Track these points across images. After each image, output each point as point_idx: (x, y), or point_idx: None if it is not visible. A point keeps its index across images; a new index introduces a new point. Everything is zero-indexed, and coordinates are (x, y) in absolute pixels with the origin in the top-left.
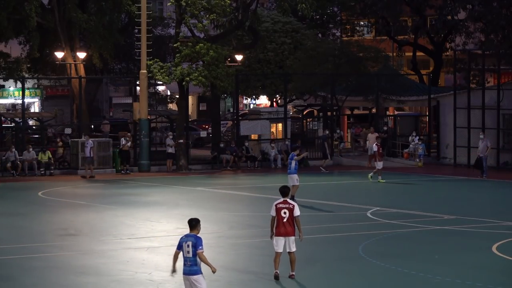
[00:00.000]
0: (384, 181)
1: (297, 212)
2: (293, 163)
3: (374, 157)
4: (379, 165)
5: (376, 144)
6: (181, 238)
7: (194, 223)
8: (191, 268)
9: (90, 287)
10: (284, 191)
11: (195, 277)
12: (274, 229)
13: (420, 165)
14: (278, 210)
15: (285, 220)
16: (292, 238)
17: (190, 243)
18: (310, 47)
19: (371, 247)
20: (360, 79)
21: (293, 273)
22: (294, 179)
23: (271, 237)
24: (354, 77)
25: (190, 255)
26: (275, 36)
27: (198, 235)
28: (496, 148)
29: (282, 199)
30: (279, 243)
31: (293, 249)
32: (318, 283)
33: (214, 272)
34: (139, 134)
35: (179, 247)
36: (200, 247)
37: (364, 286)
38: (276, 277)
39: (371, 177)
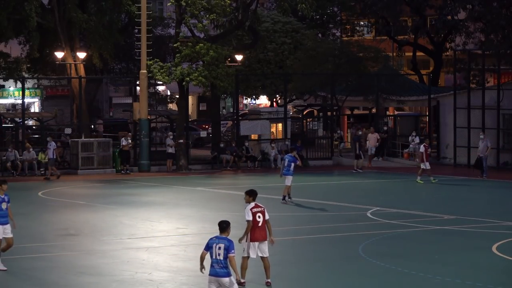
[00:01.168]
0: (436, 180)
1: (267, 215)
2: (293, 165)
3: (421, 158)
4: (426, 165)
5: (424, 145)
6: (211, 239)
7: (224, 226)
8: (221, 270)
9: (91, 287)
10: (255, 194)
11: (225, 279)
12: (249, 234)
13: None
14: (253, 215)
15: (260, 224)
16: (265, 242)
17: (222, 245)
18: (310, 47)
19: (371, 247)
20: (360, 79)
21: (269, 280)
22: (290, 180)
23: (240, 240)
24: (354, 77)
25: (221, 257)
26: (275, 36)
27: (229, 238)
28: (496, 148)
29: (253, 203)
30: (255, 249)
31: (267, 254)
32: (318, 283)
33: (238, 281)
34: (139, 134)
35: (208, 248)
36: (233, 251)
37: (364, 286)
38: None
39: (420, 180)
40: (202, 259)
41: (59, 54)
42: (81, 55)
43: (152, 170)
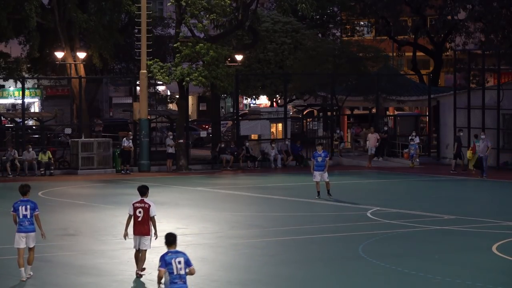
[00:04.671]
0: None
1: (153, 212)
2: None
3: None
4: None
5: None
6: (166, 255)
7: (172, 239)
8: (183, 285)
9: (90, 287)
10: (141, 190)
11: None
12: (128, 228)
13: (411, 166)
14: (134, 209)
15: (139, 219)
16: (146, 237)
17: (181, 259)
18: (310, 47)
19: (371, 247)
20: (360, 79)
21: (141, 272)
22: (325, 176)
23: (125, 236)
24: (354, 77)
25: (183, 272)
26: (275, 36)
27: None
28: (496, 148)
29: (139, 199)
30: (135, 242)
31: (146, 247)
32: (318, 283)
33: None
34: (139, 134)
35: (166, 265)
36: (191, 263)
37: (364, 286)
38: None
39: None
40: (161, 278)
41: (59, 54)
42: (81, 55)
43: (152, 170)
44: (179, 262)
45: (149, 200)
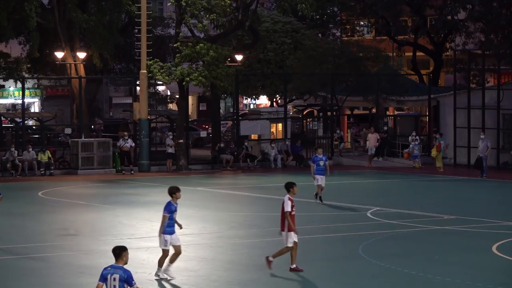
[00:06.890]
0: None
1: (284, 207)
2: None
3: None
4: None
5: None
6: (105, 269)
7: (118, 252)
8: None
9: (91, 287)
10: (285, 187)
11: None
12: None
13: (417, 166)
14: (292, 207)
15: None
16: (282, 233)
17: (117, 276)
18: (310, 47)
19: (371, 247)
20: (360, 79)
21: (292, 266)
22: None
23: (281, 232)
24: (354, 77)
25: None
26: (275, 36)
27: (125, 267)
28: (496, 148)
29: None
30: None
31: (285, 243)
32: (318, 283)
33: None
34: (139, 134)
35: (103, 279)
36: (133, 282)
37: (364, 286)
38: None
39: None
40: None
41: (59, 54)
42: (81, 55)
43: (152, 170)
44: (114, 279)
45: (287, 196)
